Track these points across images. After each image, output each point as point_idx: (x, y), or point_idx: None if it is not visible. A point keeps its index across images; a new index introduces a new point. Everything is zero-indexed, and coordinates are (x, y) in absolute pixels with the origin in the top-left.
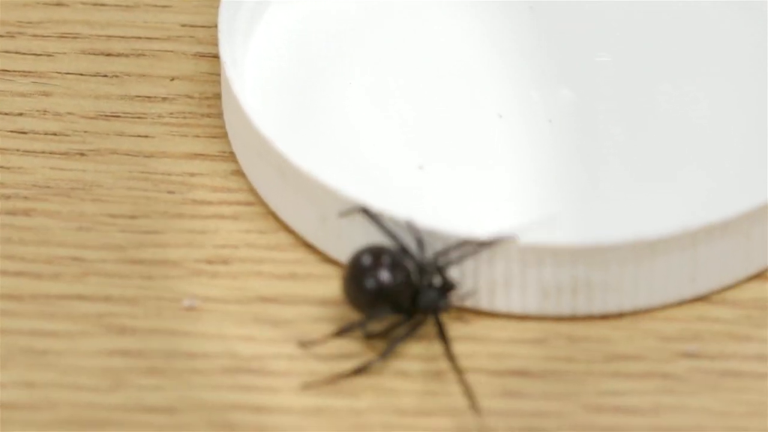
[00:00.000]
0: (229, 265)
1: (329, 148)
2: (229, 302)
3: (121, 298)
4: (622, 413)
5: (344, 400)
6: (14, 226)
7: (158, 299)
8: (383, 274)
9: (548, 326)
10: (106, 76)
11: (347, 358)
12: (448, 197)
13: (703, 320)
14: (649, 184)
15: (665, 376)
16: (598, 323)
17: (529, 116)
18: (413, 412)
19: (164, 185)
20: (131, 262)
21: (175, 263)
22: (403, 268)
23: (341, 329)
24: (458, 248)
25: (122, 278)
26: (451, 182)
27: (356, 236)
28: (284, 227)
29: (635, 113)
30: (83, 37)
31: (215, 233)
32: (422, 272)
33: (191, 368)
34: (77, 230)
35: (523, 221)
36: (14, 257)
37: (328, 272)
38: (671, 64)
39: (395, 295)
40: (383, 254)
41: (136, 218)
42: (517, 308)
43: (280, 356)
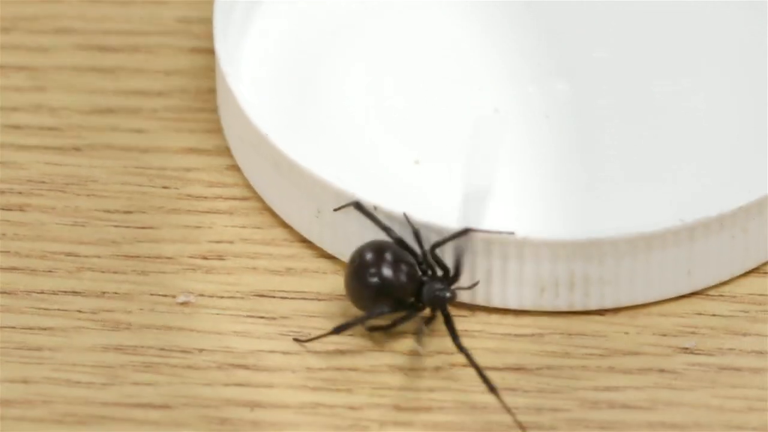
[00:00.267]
0: (224, 260)
1: (325, 142)
2: (224, 297)
3: (115, 293)
4: (618, 408)
5: (340, 396)
6: (9, 221)
7: (153, 295)
8: (388, 269)
9: (545, 321)
10: (101, 70)
11: (343, 353)
12: (444, 192)
13: (700, 315)
14: (645, 178)
15: (662, 371)
16: (594, 318)
17: (525, 111)
18: (410, 408)
19: (159, 180)
20: (126, 257)
21: (170, 258)
22: (406, 262)
23: (342, 326)
24: (455, 240)
25: (117, 274)
26: (447, 177)
27: (351, 231)
28: (280, 222)
29: (632, 108)
30: (78, 31)
31: (210, 228)
32: (425, 264)
33: (186, 364)
34: (72, 225)
35: (519, 215)
36: (9, 252)
37: (323, 267)
38: (668, 59)
39: (400, 290)
40: (386, 250)
41: (131, 213)
42: (513, 303)
43: (275, 352)
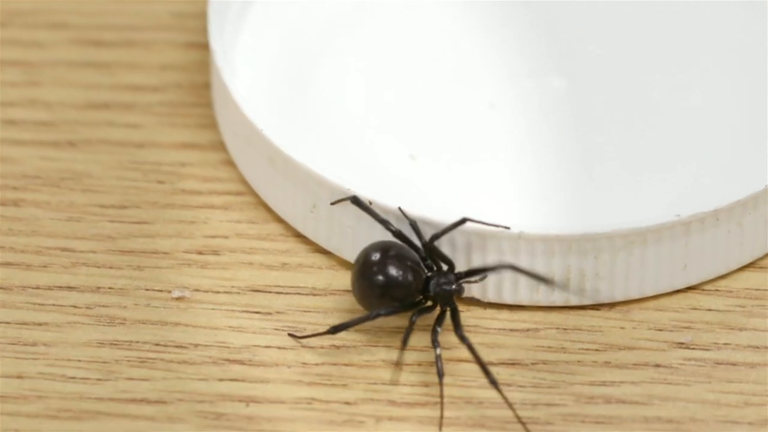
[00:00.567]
0: (219, 255)
1: (319, 137)
2: (219, 293)
3: (110, 288)
4: (614, 403)
5: (336, 391)
6: (4, 216)
7: (148, 290)
8: (394, 268)
9: (540, 316)
10: (95, 65)
11: (339, 348)
12: (439, 187)
13: (695, 310)
14: (641, 173)
15: (658, 366)
16: (590, 313)
17: (521, 106)
18: (405, 403)
19: (154, 175)
20: (121, 252)
21: (165, 254)
22: (412, 260)
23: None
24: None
25: (112, 269)
26: (442, 172)
27: (347, 226)
28: (275, 217)
29: (628, 103)
30: (73, 26)
31: (205, 223)
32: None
33: (181, 359)
34: (67, 221)
35: (514, 211)
36: (3, 248)
37: (318, 262)
38: (664, 55)
39: (407, 288)
40: (393, 250)
41: (125, 208)
42: (508, 298)
43: (270, 347)
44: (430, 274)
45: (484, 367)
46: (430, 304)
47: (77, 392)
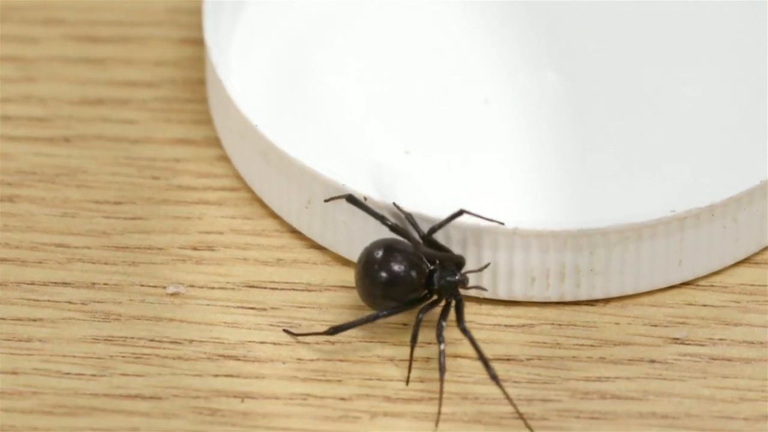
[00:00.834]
0: (214, 251)
1: (314, 133)
2: (214, 288)
3: (105, 284)
4: (609, 399)
5: (331, 386)
6: None
7: (143, 286)
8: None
9: (535, 312)
10: (90, 61)
11: (333, 344)
12: (434, 182)
13: (690, 305)
14: (636, 169)
15: (653, 361)
16: (585, 309)
17: (516, 102)
18: (401, 399)
19: (149, 171)
20: (116, 248)
21: (159, 249)
22: (416, 255)
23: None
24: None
25: (107, 265)
26: (437, 168)
27: (341, 222)
28: (269, 213)
29: (623, 99)
30: (68, 22)
31: (200, 219)
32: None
33: (176, 355)
34: (62, 216)
35: (510, 206)
36: None
37: (313, 258)
38: (660, 51)
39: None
40: (395, 246)
41: (120, 204)
42: (503, 294)
43: (265, 342)
44: (432, 267)
45: (485, 361)
46: (435, 298)
47: (72, 388)
